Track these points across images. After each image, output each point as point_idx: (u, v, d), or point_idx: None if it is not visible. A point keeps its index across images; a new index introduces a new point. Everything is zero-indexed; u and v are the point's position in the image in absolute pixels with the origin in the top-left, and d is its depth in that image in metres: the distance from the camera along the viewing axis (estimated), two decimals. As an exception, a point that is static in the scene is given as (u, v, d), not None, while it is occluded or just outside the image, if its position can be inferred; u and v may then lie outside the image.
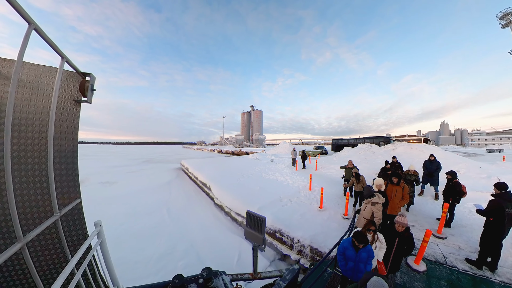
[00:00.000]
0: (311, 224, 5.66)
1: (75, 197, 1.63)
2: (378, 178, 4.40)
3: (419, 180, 6.30)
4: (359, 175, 6.12)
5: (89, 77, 1.62)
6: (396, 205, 4.31)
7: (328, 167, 12.52)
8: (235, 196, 8.28)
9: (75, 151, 1.64)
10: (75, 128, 1.67)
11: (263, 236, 2.42)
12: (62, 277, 1.12)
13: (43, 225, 1.21)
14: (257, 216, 2.46)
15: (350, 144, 30.62)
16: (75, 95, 1.68)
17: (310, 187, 8.43)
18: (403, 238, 2.86)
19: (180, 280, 1.80)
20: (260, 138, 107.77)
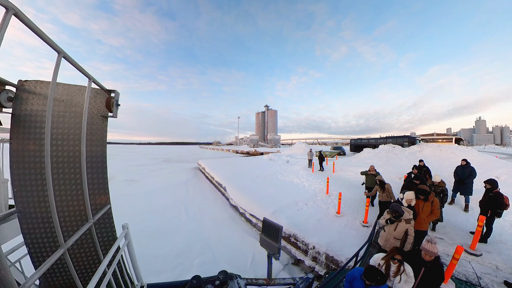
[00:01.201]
0: (327, 230, 5.48)
1: (106, 203, 1.79)
2: (409, 192, 3.93)
3: (447, 192, 5.39)
4: (384, 183, 5.49)
5: (113, 94, 1.75)
6: (423, 220, 3.89)
7: (347, 169, 11.99)
8: (250, 197, 8.31)
9: (104, 162, 1.79)
10: (103, 141, 1.82)
11: (278, 245, 2.40)
12: (97, 277, 1.23)
13: (80, 231, 1.33)
14: (274, 224, 2.44)
15: (370, 144, 28.90)
16: (102, 111, 1.82)
17: (327, 191, 8.15)
18: (431, 270, 2.38)
19: (198, 281, 1.86)
20: (275, 138, 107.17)
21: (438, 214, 3.94)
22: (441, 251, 4.11)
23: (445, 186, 5.31)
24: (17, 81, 1.75)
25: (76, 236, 1.30)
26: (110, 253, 1.59)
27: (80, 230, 1.38)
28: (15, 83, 1.74)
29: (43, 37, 1.00)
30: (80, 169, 1.66)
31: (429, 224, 4.32)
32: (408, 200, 3.82)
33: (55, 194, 1.65)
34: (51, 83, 1.11)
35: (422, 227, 3.88)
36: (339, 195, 6.30)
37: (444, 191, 5.16)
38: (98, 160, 1.78)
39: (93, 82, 1.51)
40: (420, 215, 3.88)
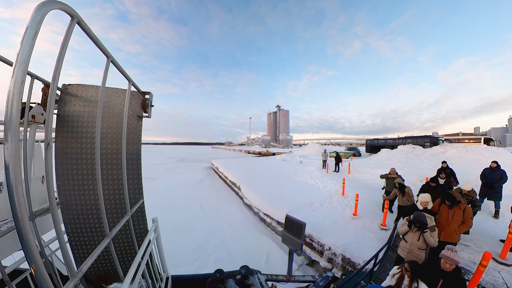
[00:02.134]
0: (344, 232, 5.40)
1: (140, 198, 1.95)
2: (424, 194, 3.65)
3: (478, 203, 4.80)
4: (404, 186, 5.19)
5: (148, 95, 1.91)
6: (454, 230, 3.44)
7: (363, 170, 11.64)
8: (264, 197, 8.39)
9: (139, 159, 1.95)
10: (138, 139, 1.98)
11: (301, 241, 2.46)
12: (134, 266, 1.37)
13: (121, 222, 1.49)
14: (297, 221, 2.51)
15: (388, 145, 27.51)
16: (137, 111, 1.98)
17: (343, 192, 8.00)
18: (450, 283, 2.11)
19: (221, 275, 1.98)
20: (287, 139, 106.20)
21: (470, 224, 3.46)
22: (466, 258, 3.89)
23: (476, 196, 4.77)
24: (61, 84, 1.92)
25: (118, 227, 1.46)
26: (144, 244, 1.74)
27: (121, 221, 1.54)
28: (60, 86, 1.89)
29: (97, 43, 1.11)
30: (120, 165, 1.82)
31: None
32: (424, 202, 3.55)
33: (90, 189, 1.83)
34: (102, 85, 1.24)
35: (453, 238, 3.43)
36: (356, 197, 6.17)
37: (474, 201, 4.56)
38: (134, 157, 1.94)
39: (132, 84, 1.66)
40: (450, 225, 3.46)
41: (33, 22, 0.65)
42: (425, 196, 3.61)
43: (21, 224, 0.69)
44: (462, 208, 3.46)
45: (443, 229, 3.49)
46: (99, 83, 2.01)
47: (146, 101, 1.94)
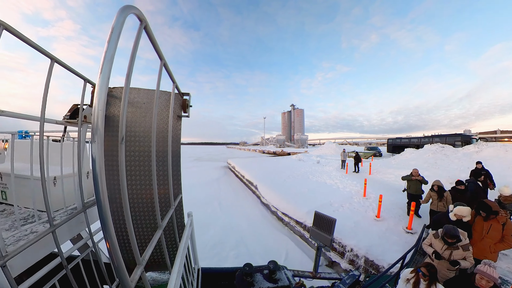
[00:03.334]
0: (366, 233, 5.23)
1: (179, 192, 2.11)
2: (464, 208, 3.07)
3: None
4: (444, 190, 4.59)
5: (187, 97, 2.05)
6: (488, 248, 2.89)
7: (385, 171, 11.09)
8: (282, 197, 8.41)
9: (179, 156, 2.11)
10: (178, 138, 2.11)
11: (331, 237, 2.48)
12: (179, 257, 1.50)
13: (168, 214, 1.64)
14: (327, 217, 2.54)
15: (412, 144, 25.76)
16: (177, 111, 2.11)
17: (364, 193, 7.73)
18: None
19: (250, 268, 2.06)
20: (302, 138, 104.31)
21: (511, 243, 2.81)
22: (504, 268, 3.57)
23: None
24: None
25: (166, 219, 1.60)
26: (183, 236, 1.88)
27: (168, 214, 1.69)
28: None
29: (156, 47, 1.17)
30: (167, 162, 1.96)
31: None
32: (459, 215, 2.98)
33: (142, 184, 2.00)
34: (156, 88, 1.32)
35: (485, 256, 2.82)
36: (380, 198, 5.93)
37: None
38: (174, 155, 2.09)
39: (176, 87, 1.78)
40: (484, 240, 2.93)
41: (117, 24, 0.72)
42: (464, 210, 3.05)
43: (103, 206, 0.81)
44: (501, 222, 2.89)
45: (474, 244, 2.97)
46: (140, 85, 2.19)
47: (186, 102, 2.06)
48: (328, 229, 2.52)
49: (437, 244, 2.58)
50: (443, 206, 4.49)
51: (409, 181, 5.94)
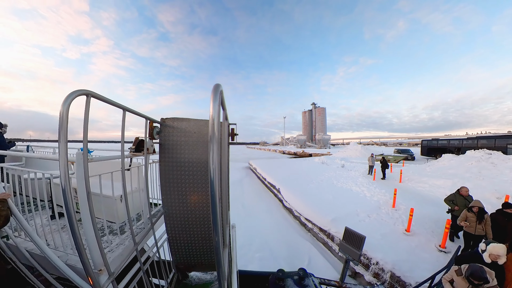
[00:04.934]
0: (394, 248, 5.12)
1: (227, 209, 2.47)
2: (499, 245, 2.64)
3: None
4: (485, 212, 4.17)
5: (234, 126, 2.35)
6: None
7: (418, 180, 10.33)
8: (305, 202, 8.49)
9: (227, 178, 2.41)
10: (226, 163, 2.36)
11: (360, 253, 2.66)
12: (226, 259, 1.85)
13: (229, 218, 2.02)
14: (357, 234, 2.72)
15: (451, 146, 22.45)
16: (226, 139, 2.34)
17: (393, 204, 7.40)
18: None
19: (283, 274, 2.36)
20: (324, 138, 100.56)
21: None
22: None
23: None
24: (160, 118, 2.33)
25: None
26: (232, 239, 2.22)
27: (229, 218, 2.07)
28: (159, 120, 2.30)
29: (225, 109, 1.46)
30: None
31: None
32: (494, 256, 2.60)
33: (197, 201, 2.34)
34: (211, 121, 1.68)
35: None
36: (411, 211, 5.69)
37: None
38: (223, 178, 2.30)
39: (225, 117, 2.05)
40: None
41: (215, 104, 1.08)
42: (499, 248, 2.60)
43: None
44: None
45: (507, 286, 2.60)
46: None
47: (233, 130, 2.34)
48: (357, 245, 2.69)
49: (460, 283, 2.36)
50: (482, 229, 4.12)
51: (456, 196, 5.21)
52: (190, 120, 2.34)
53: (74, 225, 0.99)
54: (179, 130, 2.33)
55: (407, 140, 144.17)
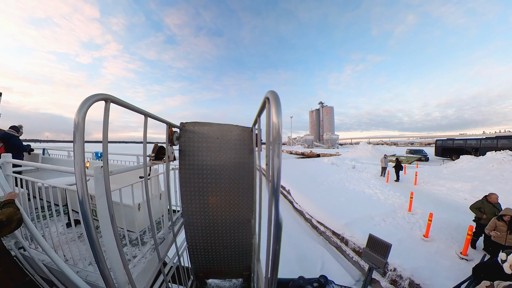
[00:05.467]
0: (412, 254, 4.98)
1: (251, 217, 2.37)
2: None
3: None
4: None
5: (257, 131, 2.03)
6: None
7: (435, 182, 9.96)
8: (317, 205, 8.40)
9: (252, 185, 2.28)
10: (251, 171, 2.25)
11: (385, 261, 2.61)
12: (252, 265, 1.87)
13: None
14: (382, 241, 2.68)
15: (468, 147, 21.27)
16: (249, 145, 2.23)
17: (409, 208, 7.19)
18: None
19: (304, 281, 2.34)
20: (332, 138, 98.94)
21: None
22: None
23: None
24: (179, 123, 2.20)
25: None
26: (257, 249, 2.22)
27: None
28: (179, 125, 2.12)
29: None
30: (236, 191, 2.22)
31: None
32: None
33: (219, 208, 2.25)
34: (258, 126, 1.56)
35: None
36: (430, 216, 5.50)
37: None
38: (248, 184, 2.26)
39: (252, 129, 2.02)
40: None
41: None
42: None
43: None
44: None
45: None
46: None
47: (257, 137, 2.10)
48: (383, 252, 2.64)
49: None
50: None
51: (483, 203, 4.87)
52: (212, 125, 2.23)
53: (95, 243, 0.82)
54: (200, 135, 2.20)
55: (419, 139, 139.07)
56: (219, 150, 2.21)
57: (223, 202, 2.28)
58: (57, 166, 1.80)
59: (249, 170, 2.25)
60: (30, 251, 1.93)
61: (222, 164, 2.22)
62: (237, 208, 2.31)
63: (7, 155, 2.16)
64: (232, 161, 2.22)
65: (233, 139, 2.22)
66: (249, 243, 2.43)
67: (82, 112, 0.76)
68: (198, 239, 2.36)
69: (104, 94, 0.88)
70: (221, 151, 2.21)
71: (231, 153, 2.22)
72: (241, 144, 2.23)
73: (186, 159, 2.17)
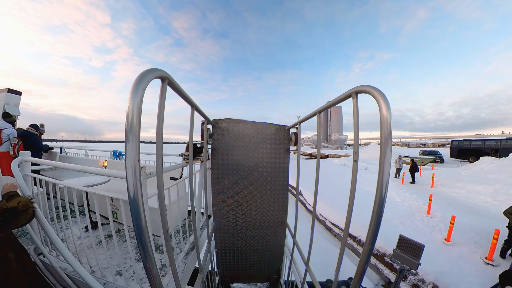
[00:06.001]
0: (434, 258, 4.86)
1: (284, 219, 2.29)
2: None
3: None
4: None
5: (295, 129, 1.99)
6: None
7: (453, 185, 9.63)
8: (331, 206, 8.35)
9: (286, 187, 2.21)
10: (286, 171, 2.17)
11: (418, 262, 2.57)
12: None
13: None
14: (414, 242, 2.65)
15: (487, 148, 20.29)
16: (285, 144, 2.15)
17: (428, 211, 7.01)
18: None
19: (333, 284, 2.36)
20: (341, 138, 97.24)
21: None
22: None
23: None
24: (212, 119, 1.98)
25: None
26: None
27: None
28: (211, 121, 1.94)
29: None
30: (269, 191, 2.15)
31: None
32: None
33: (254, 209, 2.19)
34: None
35: None
36: (452, 219, 5.34)
37: None
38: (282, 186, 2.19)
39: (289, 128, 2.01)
40: None
41: None
42: None
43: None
44: None
45: None
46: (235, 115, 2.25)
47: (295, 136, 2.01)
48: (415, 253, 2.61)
49: None
50: None
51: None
52: (247, 123, 2.11)
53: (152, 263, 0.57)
54: (235, 133, 2.07)
55: (432, 140, 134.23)
56: (255, 149, 2.10)
57: (256, 204, 2.19)
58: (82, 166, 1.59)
59: (284, 170, 2.17)
60: (50, 258, 1.78)
61: (257, 163, 2.12)
62: (270, 210, 2.22)
63: (26, 153, 1.98)
64: (267, 161, 2.14)
65: (268, 138, 2.13)
66: (281, 246, 2.35)
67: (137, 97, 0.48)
68: (228, 243, 2.25)
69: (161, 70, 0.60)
70: (256, 150, 2.11)
71: (267, 153, 2.13)
72: (276, 143, 2.15)
73: (219, 158, 2.06)
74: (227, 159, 2.08)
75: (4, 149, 4.65)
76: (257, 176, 2.16)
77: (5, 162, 4.72)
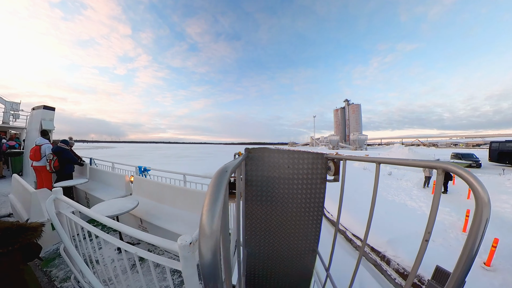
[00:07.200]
0: (471, 283, 4.41)
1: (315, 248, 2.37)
2: None
3: None
4: None
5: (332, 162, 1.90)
6: None
7: (495, 197, 8.58)
8: (352, 216, 7.98)
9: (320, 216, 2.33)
10: (321, 201, 2.07)
11: None
12: None
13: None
14: None
15: None
16: (322, 174, 2.03)
17: (464, 228, 6.36)
18: None
19: None
20: (360, 138, 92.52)
21: None
22: None
23: None
24: (245, 149, 2.05)
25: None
26: None
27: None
28: None
29: None
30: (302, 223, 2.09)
31: None
32: None
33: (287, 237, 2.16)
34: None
35: None
36: (494, 242, 4.81)
37: None
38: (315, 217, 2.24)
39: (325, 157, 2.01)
40: None
41: None
42: None
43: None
44: None
45: None
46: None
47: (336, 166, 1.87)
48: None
49: None
50: None
51: None
52: (282, 152, 2.06)
53: None
54: (270, 163, 2.05)
55: (464, 139, 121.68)
56: (291, 181, 2.04)
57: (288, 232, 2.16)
58: None
59: (319, 200, 2.06)
60: None
61: (292, 195, 2.07)
62: (302, 238, 2.17)
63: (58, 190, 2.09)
64: (302, 192, 2.08)
65: (305, 168, 2.05)
66: (309, 272, 2.38)
67: None
68: (258, 269, 2.27)
69: None
70: (292, 181, 2.04)
71: (302, 183, 2.06)
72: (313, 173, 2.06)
73: (253, 190, 2.03)
74: (261, 191, 2.06)
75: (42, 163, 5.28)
76: (291, 207, 2.13)
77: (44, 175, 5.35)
